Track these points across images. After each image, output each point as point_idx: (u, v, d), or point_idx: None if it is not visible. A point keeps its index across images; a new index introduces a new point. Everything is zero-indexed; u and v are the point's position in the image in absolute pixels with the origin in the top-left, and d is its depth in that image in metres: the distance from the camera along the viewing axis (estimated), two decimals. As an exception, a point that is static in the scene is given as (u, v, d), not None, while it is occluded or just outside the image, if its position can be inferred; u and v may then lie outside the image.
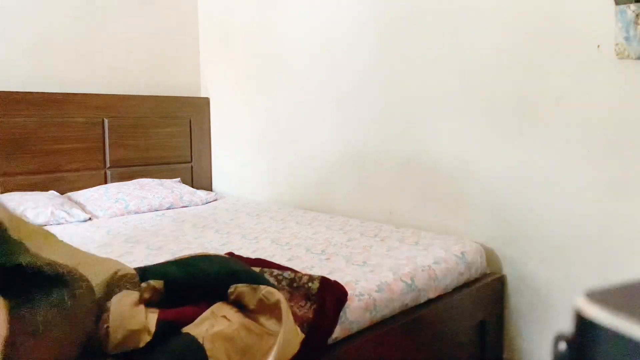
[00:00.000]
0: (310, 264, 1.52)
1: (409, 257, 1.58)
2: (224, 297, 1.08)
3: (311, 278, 1.26)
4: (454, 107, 1.89)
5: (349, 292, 1.30)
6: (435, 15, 1.93)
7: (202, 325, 0.98)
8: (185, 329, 0.97)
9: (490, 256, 1.80)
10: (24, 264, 0.79)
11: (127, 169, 2.79)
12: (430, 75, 1.96)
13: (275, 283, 1.22)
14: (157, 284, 1.06)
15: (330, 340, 1.20)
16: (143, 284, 1.05)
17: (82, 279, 0.87)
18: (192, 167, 3.07)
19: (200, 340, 0.93)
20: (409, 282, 1.44)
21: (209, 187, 3.13)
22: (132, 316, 0.93)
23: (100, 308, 0.93)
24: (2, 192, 2.35)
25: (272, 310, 1.04)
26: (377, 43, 2.15)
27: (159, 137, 2.92)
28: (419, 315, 1.42)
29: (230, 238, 1.86)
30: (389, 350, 1.32)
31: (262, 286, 1.07)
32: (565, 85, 1.59)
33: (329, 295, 1.22)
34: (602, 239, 1.53)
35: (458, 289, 1.61)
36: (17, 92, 2.44)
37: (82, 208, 2.33)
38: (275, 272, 1.29)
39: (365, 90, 2.22)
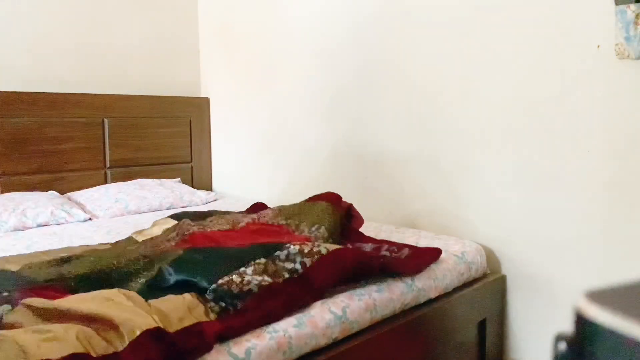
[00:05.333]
0: (310, 264, 1.52)
1: (409, 257, 1.58)
2: None
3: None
4: (453, 106, 1.89)
5: (350, 292, 1.30)
6: (434, 15, 1.93)
7: None
8: None
9: (490, 256, 1.80)
10: None
11: (127, 169, 2.79)
12: (430, 75, 1.96)
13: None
14: None
15: (330, 340, 1.20)
16: None
17: None
18: (192, 167, 3.07)
19: None
20: (409, 281, 1.44)
21: (209, 187, 3.13)
22: None
23: None
24: (2, 192, 2.36)
25: None
26: (375, 42, 2.15)
27: (159, 137, 2.92)
28: (419, 315, 1.42)
29: (230, 238, 1.86)
30: (389, 350, 1.32)
31: None
32: (565, 85, 1.59)
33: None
34: (602, 239, 1.53)
35: (458, 288, 1.61)
36: (17, 92, 2.44)
37: (82, 208, 2.33)
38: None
39: (365, 90, 2.22)
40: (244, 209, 2.07)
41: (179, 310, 1.07)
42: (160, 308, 1.06)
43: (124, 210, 2.35)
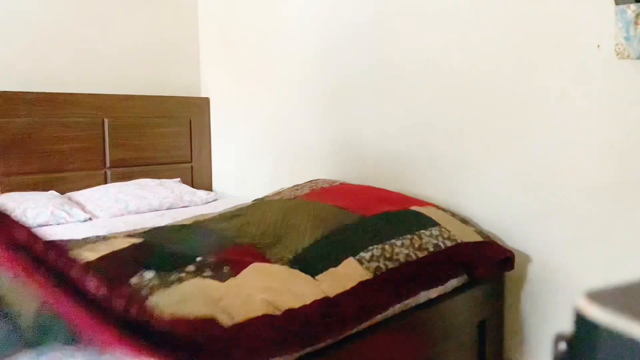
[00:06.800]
0: (310, 264, 1.52)
1: (409, 257, 1.58)
2: None
3: None
4: (453, 106, 1.89)
5: (349, 292, 1.30)
6: (434, 15, 1.93)
7: None
8: None
9: (490, 256, 1.80)
10: None
11: (127, 169, 2.79)
12: (430, 75, 1.96)
13: None
14: None
15: (330, 341, 1.20)
16: None
17: None
18: (192, 167, 3.07)
19: None
20: (409, 282, 1.43)
21: (209, 187, 3.13)
22: None
23: None
24: (2, 192, 2.35)
25: None
26: (375, 42, 2.15)
27: (159, 137, 2.92)
28: (419, 315, 1.42)
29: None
30: (389, 351, 1.32)
31: None
32: (565, 85, 1.58)
33: None
34: (603, 239, 1.53)
35: (458, 289, 1.60)
36: (17, 92, 2.44)
37: (82, 208, 2.33)
38: None
39: (365, 90, 2.22)
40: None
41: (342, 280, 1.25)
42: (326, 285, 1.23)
43: (124, 210, 2.35)
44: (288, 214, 1.59)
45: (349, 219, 1.56)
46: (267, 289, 1.12)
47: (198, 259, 1.23)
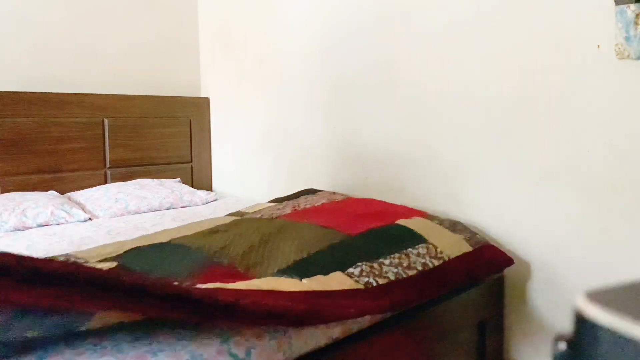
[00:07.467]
0: (310, 264, 1.52)
1: (409, 257, 1.58)
2: None
3: None
4: (454, 107, 1.89)
5: (349, 292, 1.30)
6: (434, 15, 1.93)
7: None
8: None
9: (490, 256, 1.80)
10: None
11: (127, 169, 2.79)
12: (430, 75, 1.96)
13: None
14: None
15: (330, 340, 1.20)
16: None
17: None
18: (192, 167, 3.07)
19: None
20: (409, 282, 1.43)
21: (209, 187, 3.13)
22: None
23: None
24: (2, 192, 2.36)
25: None
26: (374, 42, 2.15)
27: (159, 137, 2.92)
28: (419, 315, 1.42)
29: (230, 238, 1.86)
30: (389, 351, 1.32)
31: None
32: (565, 85, 1.59)
33: None
34: (602, 239, 1.53)
35: (458, 289, 1.60)
36: (17, 92, 2.44)
37: (82, 208, 2.33)
38: None
39: (365, 90, 2.22)
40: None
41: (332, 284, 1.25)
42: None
43: (124, 210, 2.35)
44: (271, 237, 1.54)
45: (334, 238, 1.51)
46: (248, 286, 1.14)
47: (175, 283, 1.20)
